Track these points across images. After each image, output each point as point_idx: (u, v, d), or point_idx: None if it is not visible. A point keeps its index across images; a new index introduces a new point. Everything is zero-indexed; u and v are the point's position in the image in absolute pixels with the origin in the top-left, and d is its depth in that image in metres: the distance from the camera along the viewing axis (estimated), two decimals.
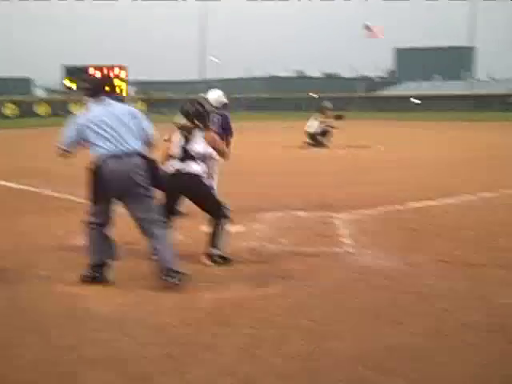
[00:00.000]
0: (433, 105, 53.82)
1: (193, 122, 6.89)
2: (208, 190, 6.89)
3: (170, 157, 6.86)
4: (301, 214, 9.28)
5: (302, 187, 11.95)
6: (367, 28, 64.91)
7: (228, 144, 9.05)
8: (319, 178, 13.50)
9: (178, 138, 6.91)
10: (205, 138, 6.84)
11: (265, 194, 11.06)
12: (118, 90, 51.95)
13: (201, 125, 6.89)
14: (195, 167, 6.76)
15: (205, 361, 4.26)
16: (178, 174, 6.73)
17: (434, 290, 5.76)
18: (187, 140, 6.85)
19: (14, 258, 6.98)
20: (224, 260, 6.67)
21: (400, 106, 54.71)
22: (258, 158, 17.86)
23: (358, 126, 33.35)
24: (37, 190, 11.94)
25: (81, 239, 6.40)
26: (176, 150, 6.82)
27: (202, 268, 6.49)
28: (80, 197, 10.84)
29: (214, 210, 6.77)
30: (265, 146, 22.36)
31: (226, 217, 6.78)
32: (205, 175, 6.86)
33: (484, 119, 39.97)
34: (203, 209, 6.88)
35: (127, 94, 55.99)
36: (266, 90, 78.09)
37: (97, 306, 5.34)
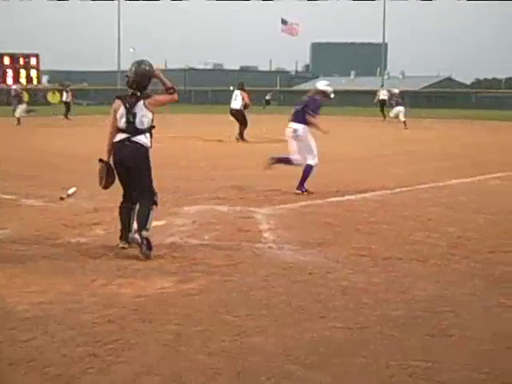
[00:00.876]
0: (347, 100, 54.77)
1: None
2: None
3: None
4: (222, 208, 9.30)
5: (222, 181, 11.96)
6: (284, 23, 65.24)
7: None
8: (238, 171, 13.54)
9: None
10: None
11: (185, 187, 11.02)
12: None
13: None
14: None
15: (129, 359, 4.21)
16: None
17: (353, 283, 5.88)
18: None
19: None
20: (149, 244, 6.66)
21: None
22: (179, 151, 17.75)
23: (275, 121, 33.61)
24: None
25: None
26: None
27: (124, 264, 6.42)
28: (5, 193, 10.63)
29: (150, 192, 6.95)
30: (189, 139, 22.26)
31: (155, 203, 6.95)
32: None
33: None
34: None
35: (39, 82, 54.63)
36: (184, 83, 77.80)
37: (15, 305, 5.19)
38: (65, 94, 36.04)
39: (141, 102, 6.84)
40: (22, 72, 52.81)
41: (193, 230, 7.90)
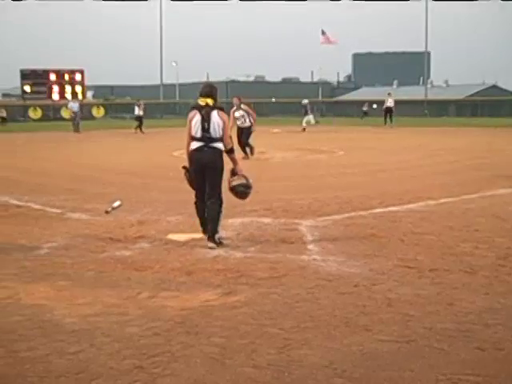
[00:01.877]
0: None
1: None
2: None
3: None
4: (265, 220, 9.30)
5: (265, 193, 11.95)
6: (323, 34, 65.25)
7: None
8: (281, 183, 13.54)
9: None
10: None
11: (228, 199, 11.04)
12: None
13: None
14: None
15: (175, 372, 4.22)
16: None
17: (399, 295, 5.81)
18: None
19: None
20: (220, 242, 7.67)
21: (360, 111, 55.12)
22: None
23: (317, 132, 33.65)
24: None
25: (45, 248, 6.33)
26: None
27: (168, 276, 6.46)
28: (41, 204, 10.82)
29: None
30: None
31: (222, 201, 7.89)
32: None
33: (440, 124, 40.64)
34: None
35: (84, 97, 55.49)
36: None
37: (64, 317, 5.26)
38: (136, 108, 36.40)
39: (215, 112, 7.73)
40: (68, 88, 53.70)
41: (237, 243, 7.91)
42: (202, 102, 7.82)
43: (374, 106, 55.39)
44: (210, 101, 7.79)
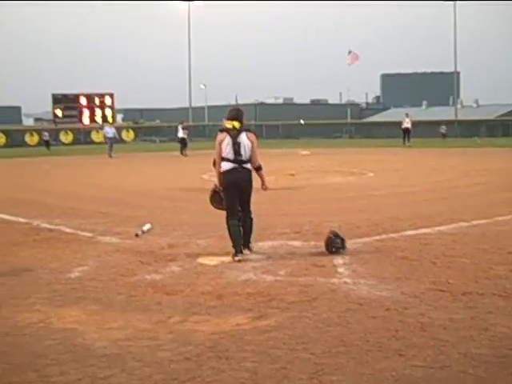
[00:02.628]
0: (417, 131, 54.14)
1: None
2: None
3: None
4: (295, 243, 9.26)
5: (295, 216, 11.93)
6: (349, 53, 65.32)
7: None
8: (311, 205, 13.50)
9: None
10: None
11: (258, 222, 11.03)
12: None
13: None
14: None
15: None
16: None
17: (432, 320, 5.72)
18: None
19: (8, 292, 6.90)
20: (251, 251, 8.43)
21: (389, 132, 54.98)
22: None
23: (346, 153, 33.58)
24: (27, 220, 11.85)
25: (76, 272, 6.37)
26: None
27: (199, 300, 6.45)
28: (72, 228, 10.91)
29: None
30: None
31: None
32: None
33: (470, 145, 40.31)
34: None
35: (114, 121, 56.12)
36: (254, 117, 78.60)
37: (95, 342, 5.27)
38: (181, 130, 35.87)
39: (243, 134, 8.24)
40: (98, 111, 54.40)
41: (267, 266, 7.88)
42: (228, 125, 8.28)
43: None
44: (236, 124, 8.26)
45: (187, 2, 63.72)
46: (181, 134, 35.77)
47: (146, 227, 9.56)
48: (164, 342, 5.25)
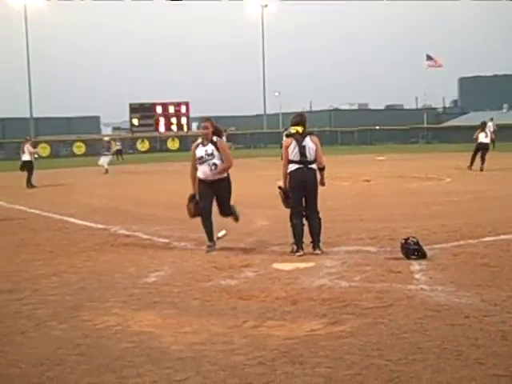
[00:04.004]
0: (499, 135, 52.72)
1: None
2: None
3: None
4: (371, 249, 9.14)
5: (371, 221, 11.79)
6: (429, 58, 64.07)
7: None
8: (387, 211, 13.31)
9: None
10: None
11: (333, 228, 10.96)
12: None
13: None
14: None
15: None
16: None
17: None
18: None
19: (87, 295, 7.07)
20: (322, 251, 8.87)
21: (468, 137, 53.73)
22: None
23: (423, 158, 33.00)
24: (106, 226, 12.13)
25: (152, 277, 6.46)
26: None
27: (273, 305, 6.44)
28: (149, 234, 11.11)
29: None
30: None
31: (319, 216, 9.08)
32: None
33: None
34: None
35: (189, 129, 56.94)
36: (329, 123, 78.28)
37: (170, 345, 5.33)
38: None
39: (308, 138, 8.91)
40: (173, 120, 55.34)
41: (342, 272, 7.81)
42: (293, 130, 9.03)
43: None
44: (299, 129, 8.98)
45: (260, 9, 64.01)
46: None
47: (221, 233, 9.64)
48: (238, 346, 5.27)
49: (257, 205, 15.26)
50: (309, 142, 8.93)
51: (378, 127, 62.89)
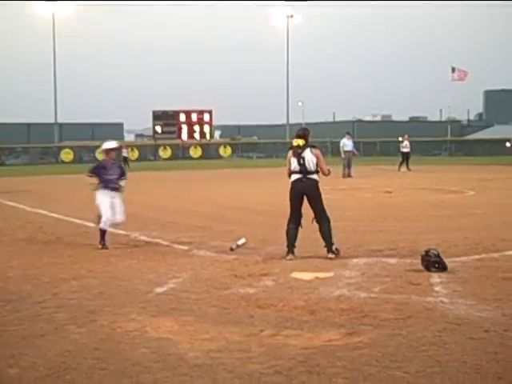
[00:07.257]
0: None
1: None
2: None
3: None
4: (391, 260, 9.09)
5: (391, 233, 11.72)
6: (453, 71, 63.68)
7: None
8: (407, 223, 13.23)
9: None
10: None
11: (353, 238, 10.91)
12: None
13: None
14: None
15: None
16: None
17: None
18: None
19: (106, 300, 7.09)
20: (338, 251, 9.26)
21: (492, 150, 53.31)
22: (348, 202, 17.66)
23: (446, 171, 32.77)
24: (127, 232, 12.16)
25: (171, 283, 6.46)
26: None
27: (291, 315, 6.42)
28: (169, 240, 11.13)
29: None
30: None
31: (329, 219, 9.42)
32: None
33: None
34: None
35: (212, 137, 57.10)
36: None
37: (187, 352, 5.33)
38: (407, 142, 34.08)
39: (308, 150, 9.43)
40: (196, 128, 55.53)
41: (361, 283, 7.76)
42: (295, 142, 9.57)
43: (508, 144, 53.38)
44: (301, 142, 9.50)
45: (286, 19, 64.19)
46: (405, 148, 33.87)
47: (241, 241, 9.65)
48: (255, 354, 5.25)
49: (278, 214, 15.24)
50: (309, 154, 9.42)
51: (400, 139, 62.60)
